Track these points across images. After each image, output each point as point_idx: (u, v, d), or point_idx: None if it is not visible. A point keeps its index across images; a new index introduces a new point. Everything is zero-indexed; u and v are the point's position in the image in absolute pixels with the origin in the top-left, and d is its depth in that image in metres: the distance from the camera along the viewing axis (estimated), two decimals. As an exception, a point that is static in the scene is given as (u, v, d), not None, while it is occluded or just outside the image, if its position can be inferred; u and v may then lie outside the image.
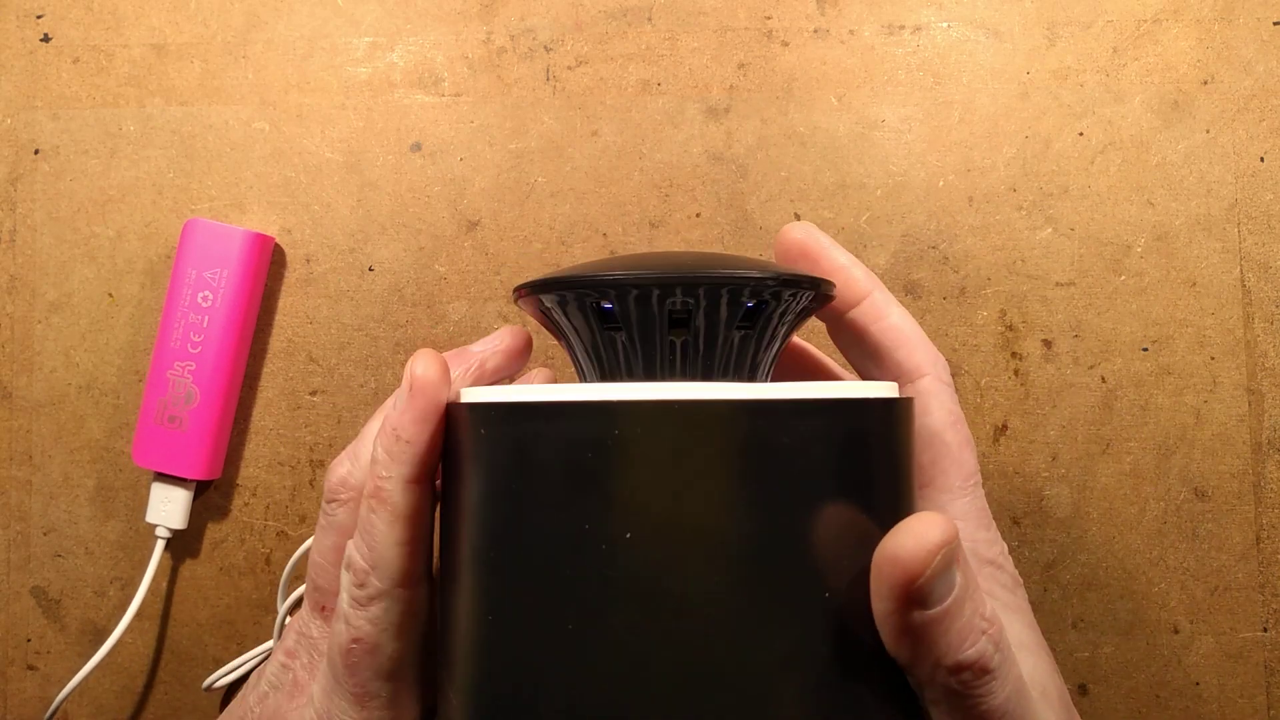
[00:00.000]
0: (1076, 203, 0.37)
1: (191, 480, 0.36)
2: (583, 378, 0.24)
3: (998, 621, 0.20)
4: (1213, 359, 0.36)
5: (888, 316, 0.25)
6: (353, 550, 0.22)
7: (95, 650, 0.37)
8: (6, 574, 0.37)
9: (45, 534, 0.37)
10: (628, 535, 0.19)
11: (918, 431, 0.24)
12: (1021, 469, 0.36)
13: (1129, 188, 0.37)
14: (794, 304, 0.23)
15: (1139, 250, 0.37)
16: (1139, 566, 0.36)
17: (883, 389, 0.22)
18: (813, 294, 0.23)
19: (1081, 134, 0.37)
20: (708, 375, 0.22)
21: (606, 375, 0.23)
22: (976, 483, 0.25)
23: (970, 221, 0.37)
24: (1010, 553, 0.25)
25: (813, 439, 0.20)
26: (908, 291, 0.37)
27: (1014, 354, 0.37)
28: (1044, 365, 0.36)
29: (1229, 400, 0.36)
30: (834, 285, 0.24)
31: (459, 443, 0.21)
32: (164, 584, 0.37)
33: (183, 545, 0.37)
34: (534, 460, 0.20)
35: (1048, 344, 0.37)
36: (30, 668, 0.37)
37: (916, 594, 0.19)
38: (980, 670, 0.20)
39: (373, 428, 0.26)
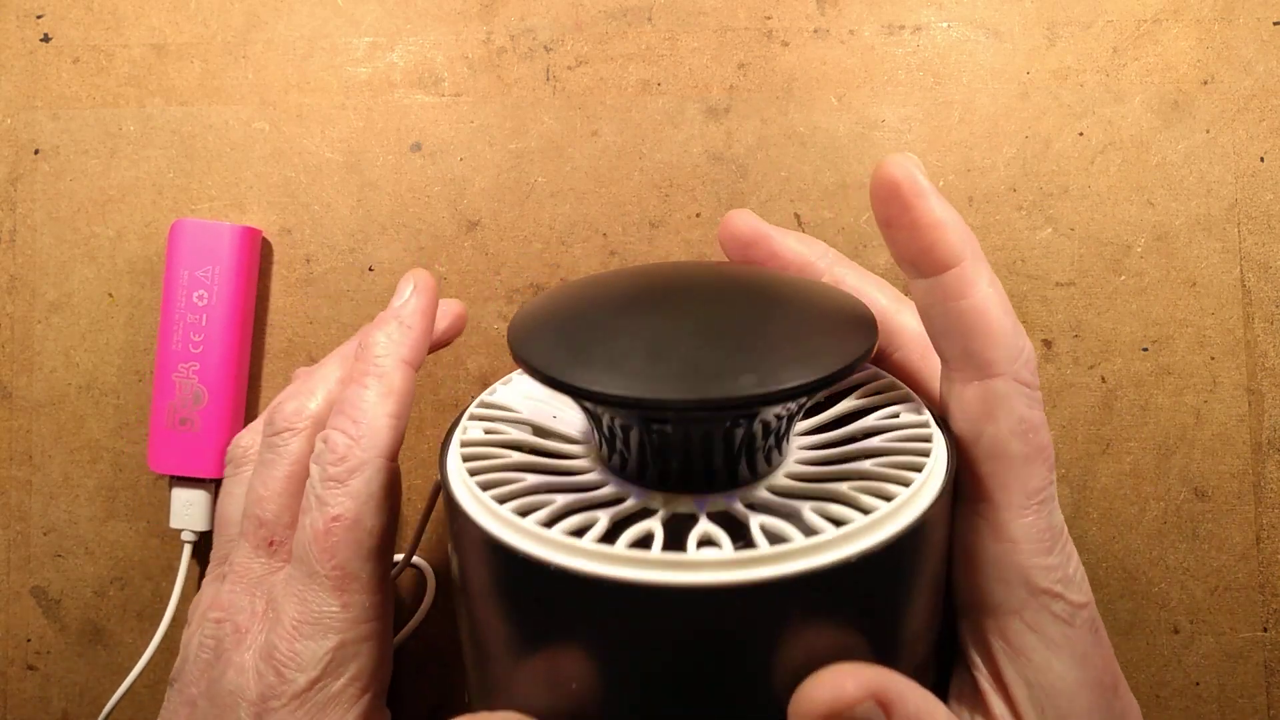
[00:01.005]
0: (1076, 203, 0.37)
1: (211, 480, 0.36)
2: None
3: None
4: (1213, 359, 0.36)
5: (970, 295, 0.21)
6: (331, 434, 0.23)
7: (95, 650, 0.37)
8: (6, 574, 0.37)
9: (45, 534, 0.37)
10: (574, 686, 0.19)
11: (980, 439, 0.22)
12: (1021, 469, 0.36)
13: (1129, 188, 0.37)
14: (804, 401, 0.21)
15: (1139, 250, 0.37)
16: (1139, 566, 0.36)
17: (884, 525, 0.19)
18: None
19: (1081, 134, 0.37)
20: (709, 476, 0.21)
21: (610, 453, 0.22)
22: (1044, 499, 0.22)
23: (970, 221, 0.37)
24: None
25: (781, 618, 0.19)
26: (908, 292, 0.37)
27: (1014, 354, 0.37)
28: (1044, 365, 0.36)
29: (1229, 400, 0.36)
30: (848, 370, 0.20)
31: (455, 535, 0.22)
32: (164, 585, 0.37)
33: (180, 545, 0.37)
34: (499, 593, 0.20)
35: (1048, 344, 0.37)
36: (30, 668, 0.37)
37: None
38: None
39: (323, 372, 0.29)
